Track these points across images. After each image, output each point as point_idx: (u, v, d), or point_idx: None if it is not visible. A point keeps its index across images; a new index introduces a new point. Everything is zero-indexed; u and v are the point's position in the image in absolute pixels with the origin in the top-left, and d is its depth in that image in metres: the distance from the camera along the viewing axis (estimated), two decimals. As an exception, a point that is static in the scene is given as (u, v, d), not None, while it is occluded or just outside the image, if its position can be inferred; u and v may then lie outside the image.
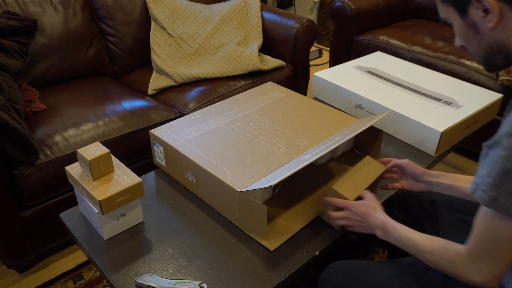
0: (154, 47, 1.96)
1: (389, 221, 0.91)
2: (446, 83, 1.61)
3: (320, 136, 1.21)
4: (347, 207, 1.00)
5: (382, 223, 0.92)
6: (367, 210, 0.96)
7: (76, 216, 1.12)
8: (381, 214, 0.93)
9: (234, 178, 1.04)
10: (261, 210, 0.97)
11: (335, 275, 0.97)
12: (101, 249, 1.02)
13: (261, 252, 1.00)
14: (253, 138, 1.21)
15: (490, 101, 1.49)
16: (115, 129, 1.54)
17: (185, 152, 1.14)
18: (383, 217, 0.92)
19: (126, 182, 1.01)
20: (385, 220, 0.91)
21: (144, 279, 0.92)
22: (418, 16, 2.62)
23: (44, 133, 1.45)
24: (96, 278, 1.51)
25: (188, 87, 1.85)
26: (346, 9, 2.35)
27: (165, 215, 1.12)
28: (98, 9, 1.95)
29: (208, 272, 0.95)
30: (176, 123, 1.29)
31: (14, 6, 1.72)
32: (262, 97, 1.44)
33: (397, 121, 1.42)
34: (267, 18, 2.10)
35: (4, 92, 1.36)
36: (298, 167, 0.96)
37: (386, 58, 1.84)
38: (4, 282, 1.51)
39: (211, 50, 2.00)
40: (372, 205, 0.96)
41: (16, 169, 1.34)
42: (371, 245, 1.63)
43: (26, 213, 1.41)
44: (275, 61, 2.01)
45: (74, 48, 1.85)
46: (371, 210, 0.95)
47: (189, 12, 2.04)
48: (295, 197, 1.16)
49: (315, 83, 1.69)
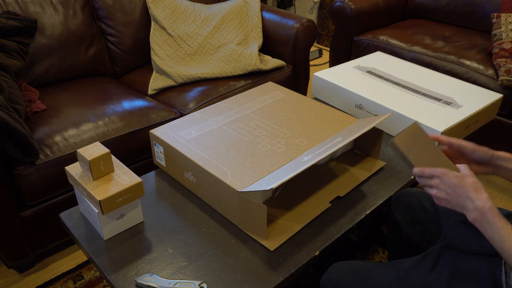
0: (154, 47, 1.96)
1: (492, 211, 0.75)
2: (446, 83, 1.61)
3: (320, 136, 1.21)
4: (439, 175, 0.82)
5: (484, 209, 0.75)
6: (463, 183, 0.79)
7: (76, 216, 1.12)
8: (484, 197, 0.76)
9: (234, 178, 1.04)
10: (261, 210, 0.97)
11: (336, 277, 0.97)
12: (101, 249, 1.02)
13: (261, 252, 1.00)
14: (253, 138, 1.21)
15: (490, 101, 1.49)
16: (115, 129, 1.54)
17: (185, 152, 1.14)
18: (487, 203, 0.75)
19: (126, 182, 1.01)
20: (488, 208, 0.75)
21: (144, 279, 0.92)
22: (418, 16, 2.62)
23: (44, 133, 1.45)
24: (96, 278, 1.51)
25: (188, 87, 1.85)
26: (346, 9, 2.35)
27: (165, 215, 1.12)
28: (98, 9, 1.95)
29: (208, 272, 0.95)
30: (176, 123, 1.29)
31: (14, 6, 1.72)
32: (262, 97, 1.44)
33: (397, 121, 1.42)
34: (267, 18, 2.10)
35: (4, 92, 1.36)
36: (299, 169, 0.96)
37: (386, 58, 1.84)
38: (4, 282, 1.51)
39: (211, 50, 2.00)
40: (472, 181, 0.79)
41: (16, 169, 1.34)
42: (371, 245, 1.63)
43: (26, 213, 1.41)
44: (275, 61, 2.01)
45: (74, 48, 1.85)
46: (469, 185, 0.78)
47: (189, 12, 2.04)
48: (295, 197, 1.16)
49: (315, 83, 1.69)
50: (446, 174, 0.82)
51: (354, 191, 1.20)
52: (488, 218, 0.75)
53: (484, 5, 2.31)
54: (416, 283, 0.88)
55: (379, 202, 1.16)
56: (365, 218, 1.12)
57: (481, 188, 0.78)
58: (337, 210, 1.13)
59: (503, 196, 1.92)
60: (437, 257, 0.91)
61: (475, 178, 0.80)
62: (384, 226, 1.72)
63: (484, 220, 0.75)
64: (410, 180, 1.25)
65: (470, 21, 2.39)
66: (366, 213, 1.12)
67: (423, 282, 0.88)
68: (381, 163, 1.29)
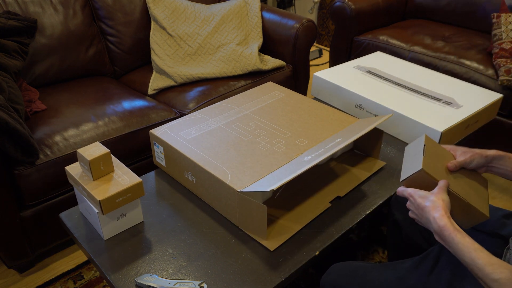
0: (154, 47, 1.96)
1: (447, 228, 0.76)
2: (446, 83, 1.61)
3: (320, 136, 1.21)
4: (407, 197, 0.86)
5: (439, 228, 0.77)
6: (424, 203, 0.81)
7: (76, 216, 1.12)
8: (439, 215, 0.77)
9: (234, 178, 1.04)
10: (261, 210, 0.97)
11: (336, 277, 0.97)
12: (101, 249, 1.02)
13: (261, 252, 1.00)
14: (253, 138, 1.21)
15: (490, 101, 1.49)
16: (115, 129, 1.54)
17: (185, 152, 1.14)
18: (440, 221, 0.77)
19: (126, 182, 1.01)
20: (443, 226, 0.76)
21: (144, 279, 0.92)
22: (418, 16, 2.62)
23: (44, 133, 1.45)
24: (96, 278, 1.51)
25: (188, 87, 1.85)
26: (346, 9, 2.35)
27: (165, 215, 1.12)
28: (98, 9, 1.95)
29: (208, 272, 0.95)
30: (176, 123, 1.29)
31: (14, 6, 1.72)
32: (262, 97, 1.44)
33: (397, 121, 1.42)
34: (267, 18, 2.10)
35: (4, 92, 1.36)
36: (299, 170, 0.96)
37: (386, 58, 1.84)
38: (4, 282, 1.51)
39: (211, 50, 2.00)
40: (431, 199, 0.80)
41: (16, 169, 1.34)
42: (371, 245, 1.63)
43: (26, 213, 1.41)
44: (275, 61, 2.01)
45: (74, 48, 1.85)
46: (429, 204, 0.80)
47: (189, 12, 2.04)
48: (295, 197, 1.16)
49: (315, 83, 1.69)
50: (412, 195, 0.84)
51: (354, 191, 1.20)
52: (445, 236, 0.76)
53: (484, 5, 2.31)
54: (416, 284, 0.88)
55: (379, 202, 1.16)
56: (365, 218, 1.12)
57: (439, 206, 0.79)
58: (337, 210, 1.13)
59: (503, 196, 1.92)
60: (437, 258, 0.91)
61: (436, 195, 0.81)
62: (384, 226, 1.71)
63: (443, 239, 0.77)
64: (410, 180, 1.25)
65: (470, 21, 2.39)
66: (366, 213, 1.12)
67: (423, 282, 0.88)
68: (381, 163, 1.29)
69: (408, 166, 0.92)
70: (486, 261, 0.71)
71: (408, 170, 0.90)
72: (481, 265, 0.71)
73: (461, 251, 0.74)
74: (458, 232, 0.75)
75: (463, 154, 0.92)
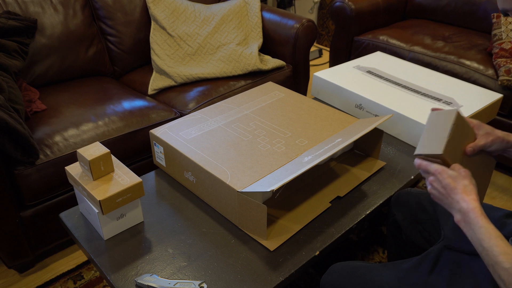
0: (154, 47, 1.96)
1: (475, 211, 0.76)
2: (446, 83, 1.61)
3: (320, 136, 1.21)
4: (434, 173, 0.83)
5: (468, 209, 0.76)
6: (455, 185, 0.80)
7: (76, 216, 1.12)
8: (471, 198, 0.77)
9: (234, 178, 1.04)
10: (261, 210, 0.97)
11: (337, 277, 0.97)
12: (101, 249, 1.02)
13: (261, 252, 1.00)
14: (253, 138, 1.21)
15: (490, 101, 1.49)
16: (115, 129, 1.54)
17: (185, 152, 1.14)
18: (471, 204, 0.76)
19: (126, 182, 1.01)
20: (472, 208, 0.76)
21: (144, 279, 0.92)
22: (418, 16, 2.62)
23: (44, 133, 1.45)
24: (96, 278, 1.51)
25: (188, 87, 1.85)
26: (346, 9, 2.35)
27: (165, 215, 1.12)
28: (98, 9, 1.95)
29: (208, 272, 0.95)
30: (176, 123, 1.29)
31: (14, 6, 1.72)
32: (262, 97, 1.44)
33: (397, 121, 1.42)
34: (267, 18, 2.10)
35: (4, 92, 1.36)
36: (299, 170, 0.96)
37: (386, 58, 1.84)
38: (4, 282, 1.51)
39: (211, 50, 2.00)
40: (463, 184, 0.79)
41: (16, 169, 1.34)
42: (371, 245, 1.63)
43: (26, 213, 1.41)
44: (275, 61, 2.01)
45: (74, 48, 1.85)
46: (459, 187, 0.79)
47: (189, 12, 2.04)
48: (295, 197, 1.16)
49: (315, 83, 1.69)
50: (440, 172, 0.82)
51: (354, 191, 1.20)
52: (471, 218, 0.76)
53: (484, 5, 2.31)
54: (416, 284, 0.88)
55: (379, 202, 1.16)
56: (365, 218, 1.12)
57: (472, 191, 0.79)
58: (337, 210, 1.13)
59: (503, 196, 1.92)
60: (437, 258, 0.91)
61: (468, 180, 0.80)
62: (384, 226, 1.72)
63: (466, 220, 0.77)
64: (410, 180, 1.25)
65: (470, 21, 2.39)
66: (366, 213, 1.12)
67: (423, 282, 0.88)
68: (381, 163, 1.29)
69: (428, 141, 0.87)
70: (502, 250, 0.71)
71: (427, 147, 0.86)
72: (497, 253, 0.71)
73: (482, 235, 0.73)
74: (485, 217, 0.75)
75: (484, 137, 0.90)
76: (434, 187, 0.83)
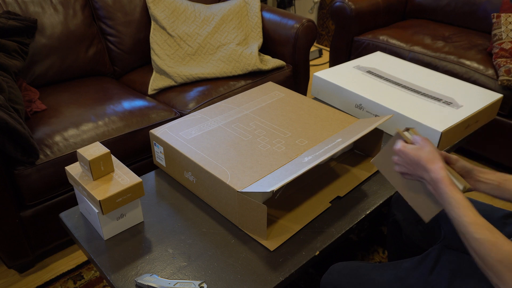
0: (154, 47, 1.96)
1: (444, 181, 0.78)
2: (446, 83, 1.61)
3: (320, 136, 1.21)
4: (397, 152, 0.87)
5: (437, 179, 0.78)
6: (418, 157, 0.82)
7: (76, 216, 1.12)
8: (437, 167, 0.79)
9: (234, 178, 1.04)
10: (261, 210, 0.97)
11: (337, 277, 0.97)
12: (101, 249, 1.02)
13: (261, 252, 1.00)
14: (253, 138, 1.21)
15: (490, 101, 1.49)
16: (115, 129, 1.54)
17: (185, 152, 1.14)
18: (438, 174, 0.78)
19: (126, 182, 1.01)
20: (440, 178, 0.78)
21: (144, 279, 0.92)
22: (418, 16, 2.62)
23: (44, 133, 1.45)
24: (96, 278, 1.51)
25: (188, 87, 1.85)
26: (346, 9, 2.35)
27: (165, 215, 1.12)
28: (98, 9, 1.95)
29: (208, 272, 0.95)
30: (176, 123, 1.29)
31: (14, 6, 1.72)
32: (262, 97, 1.44)
33: (397, 121, 1.42)
34: (267, 18, 2.10)
35: (4, 92, 1.36)
36: (299, 171, 0.96)
37: (386, 58, 1.84)
38: (4, 282, 1.51)
39: (211, 50, 2.00)
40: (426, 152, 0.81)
41: (16, 169, 1.34)
42: (371, 245, 1.63)
43: (26, 213, 1.41)
44: (275, 61, 2.01)
45: (74, 48, 1.85)
46: (423, 158, 0.81)
47: (189, 12, 2.04)
48: (295, 197, 1.16)
49: (315, 83, 1.69)
50: (401, 149, 0.86)
51: (354, 191, 1.20)
52: (441, 188, 0.78)
53: (484, 5, 2.31)
54: (417, 284, 0.88)
55: (379, 202, 1.16)
56: (365, 218, 1.12)
57: (435, 158, 0.81)
58: (337, 210, 1.13)
59: (503, 196, 1.91)
60: (437, 258, 0.91)
61: (429, 147, 0.82)
62: (384, 226, 1.71)
63: (437, 190, 0.79)
64: (410, 180, 1.25)
65: (470, 21, 2.39)
66: (366, 213, 1.12)
67: (424, 282, 0.88)
68: (381, 163, 1.29)
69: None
70: (472, 220, 0.73)
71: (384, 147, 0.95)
72: (466, 223, 0.73)
73: (451, 205, 0.76)
74: (454, 187, 0.78)
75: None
76: (401, 164, 0.86)
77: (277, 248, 1.01)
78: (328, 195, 1.17)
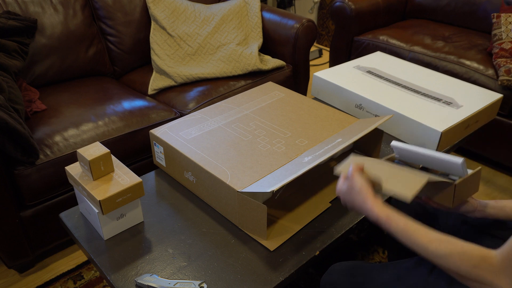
0: (154, 47, 1.96)
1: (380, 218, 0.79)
2: (446, 83, 1.61)
3: (320, 136, 1.21)
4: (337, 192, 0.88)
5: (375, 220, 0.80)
6: (352, 203, 0.84)
7: (76, 216, 1.12)
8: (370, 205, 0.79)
9: (234, 178, 1.04)
10: (261, 210, 0.97)
11: (337, 277, 0.97)
12: (101, 249, 1.02)
13: (261, 252, 1.00)
14: (253, 138, 1.21)
15: (490, 101, 1.49)
16: (115, 129, 1.54)
17: (185, 152, 1.14)
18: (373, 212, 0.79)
19: (126, 182, 1.01)
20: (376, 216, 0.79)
21: (144, 279, 0.92)
22: (418, 16, 2.62)
23: (44, 133, 1.45)
24: (96, 278, 1.51)
25: (188, 87, 1.85)
26: (346, 9, 2.35)
27: (165, 215, 1.12)
28: (98, 9, 1.95)
29: (208, 272, 0.95)
30: (176, 123, 1.29)
31: (14, 6, 1.72)
32: (262, 97, 1.44)
33: (397, 121, 1.42)
34: (267, 18, 2.10)
35: (4, 92, 1.36)
36: (299, 171, 0.96)
37: (386, 58, 1.84)
38: (4, 282, 1.51)
39: (211, 50, 2.00)
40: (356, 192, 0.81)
41: (16, 169, 1.34)
42: (371, 245, 1.63)
43: (26, 213, 1.41)
44: (275, 61, 2.01)
45: (74, 48, 1.85)
46: (356, 204, 0.82)
47: (189, 12, 2.04)
48: (295, 197, 1.16)
49: (315, 83, 1.69)
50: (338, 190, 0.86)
51: (354, 191, 1.19)
52: (382, 225, 0.79)
53: (484, 5, 2.31)
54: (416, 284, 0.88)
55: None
56: (365, 218, 1.12)
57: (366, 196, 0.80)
58: (337, 210, 1.13)
59: (503, 196, 1.92)
60: (437, 257, 0.91)
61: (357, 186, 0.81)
62: (384, 226, 1.71)
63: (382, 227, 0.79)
64: (410, 180, 1.25)
65: (470, 21, 2.39)
66: (366, 213, 1.12)
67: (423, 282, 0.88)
68: (381, 163, 1.29)
69: None
70: (427, 239, 0.72)
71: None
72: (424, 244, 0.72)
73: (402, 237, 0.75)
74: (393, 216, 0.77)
75: None
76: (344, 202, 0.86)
77: (277, 248, 1.01)
78: (328, 195, 1.17)
